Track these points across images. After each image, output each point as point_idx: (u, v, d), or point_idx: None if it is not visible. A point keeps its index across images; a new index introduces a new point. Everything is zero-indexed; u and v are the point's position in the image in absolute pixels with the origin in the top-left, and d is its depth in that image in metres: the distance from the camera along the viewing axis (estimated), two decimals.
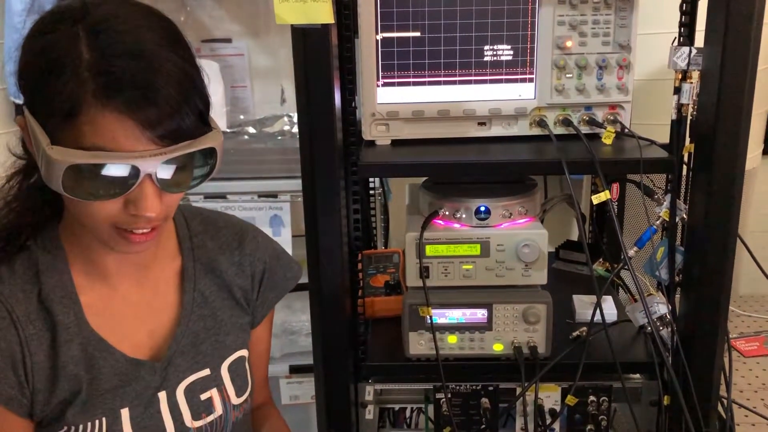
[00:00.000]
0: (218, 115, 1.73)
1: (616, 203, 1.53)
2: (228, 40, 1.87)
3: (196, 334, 0.94)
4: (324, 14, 1.01)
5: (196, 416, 0.93)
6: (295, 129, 1.75)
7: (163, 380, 0.90)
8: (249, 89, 1.90)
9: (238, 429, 0.99)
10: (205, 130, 0.80)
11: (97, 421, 0.85)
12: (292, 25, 1.02)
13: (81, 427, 0.85)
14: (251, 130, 1.77)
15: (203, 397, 0.94)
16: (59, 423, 0.84)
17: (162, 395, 0.90)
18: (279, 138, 1.74)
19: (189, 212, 1.00)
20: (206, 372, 0.94)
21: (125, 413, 0.87)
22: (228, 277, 0.98)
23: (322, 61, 1.04)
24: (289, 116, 1.82)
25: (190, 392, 0.92)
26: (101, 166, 0.74)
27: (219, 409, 0.95)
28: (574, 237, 1.81)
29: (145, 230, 0.80)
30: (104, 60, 0.72)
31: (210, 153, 0.81)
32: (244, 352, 0.99)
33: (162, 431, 0.90)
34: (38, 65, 0.75)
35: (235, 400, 0.97)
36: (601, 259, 1.52)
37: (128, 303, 0.90)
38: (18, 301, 0.83)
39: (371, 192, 1.67)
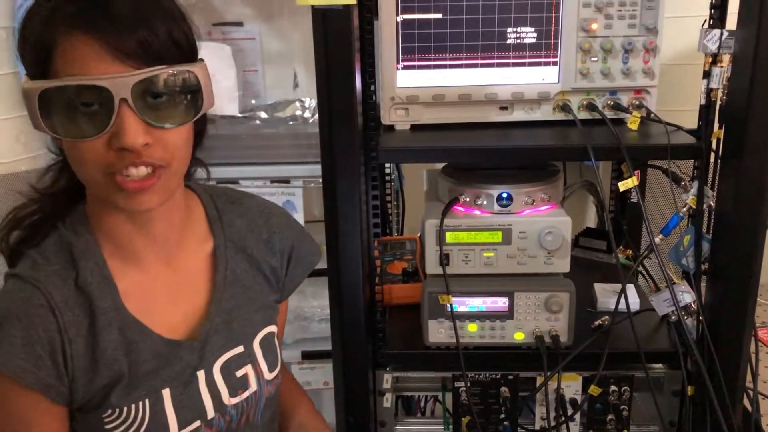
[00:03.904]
0: (230, 99, 1.70)
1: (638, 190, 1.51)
2: (239, 24, 1.84)
3: (228, 312, 0.94)
4: None
5: (233, 393, 0.93)
6: (308, 114, 1.73)
7: (201, 359, 0.90)
8: (260, 74, 1.87)
9: (270, 404, 0.99)
10: (186, 59, 0.79)
11: (140, 403, 0.85)
12: (312, 6, 1.00)
13: (125, 409, 0.84)
14: (263, 114, 1.74)
15: (239, 374, 0.94)
16: (103, 407, 0.84)
17: (200, 374, 0.90)
18: (291, 123, 1.71)
19: (214, 192, 1.00)
20: (240, 349, 0.94)
21: (167, 393, 0.87)
22: (257, 255, 0.98)
23: (343, 44, 1.02)
24: (302, 101, 1.79)
25: (226, 369, 0.93)
26: (73, 93, 0.73)
27: (254, 385, 0.95)
28: (591, 224, 1.79)
29: (139, 175, 0.77)
30: None
31: (193, 84, 0.79)
32: (273, 328, 0.99)
33: (201, 409, 0.90)
34: (21, 26, 0.78)
35: (267, 375, 0.97)
36: (621, 247, 1.50)
37: (161, 286, 0.90)
38: (55, 287, 0.82)
39: (387, 178, 1.65)
